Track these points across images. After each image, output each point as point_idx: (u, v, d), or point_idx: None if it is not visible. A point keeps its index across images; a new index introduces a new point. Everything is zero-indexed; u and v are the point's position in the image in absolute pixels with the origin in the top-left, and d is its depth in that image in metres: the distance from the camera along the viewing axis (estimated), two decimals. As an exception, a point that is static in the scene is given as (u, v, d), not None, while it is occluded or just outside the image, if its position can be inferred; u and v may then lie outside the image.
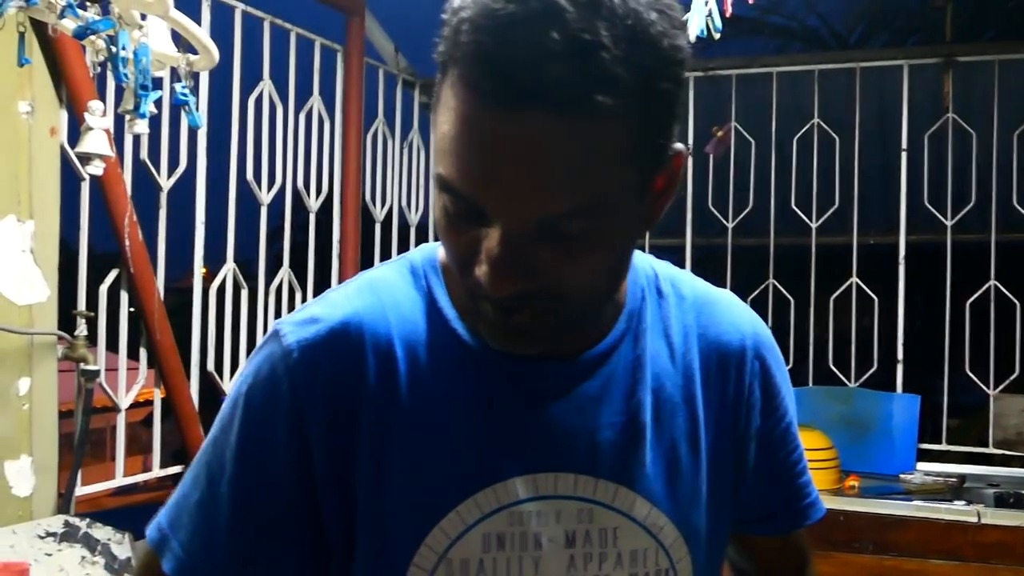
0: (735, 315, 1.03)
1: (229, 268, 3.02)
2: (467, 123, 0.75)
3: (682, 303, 1.01)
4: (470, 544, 0.90)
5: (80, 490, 2.45)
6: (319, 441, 0.88)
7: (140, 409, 3.83)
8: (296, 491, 0.89)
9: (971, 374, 3.72)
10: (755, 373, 1.01)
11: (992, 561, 2.82)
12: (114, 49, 1.53)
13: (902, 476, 3.41)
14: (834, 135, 3.90)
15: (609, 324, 0.95)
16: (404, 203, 4.10)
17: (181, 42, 1.84)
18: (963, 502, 3.10)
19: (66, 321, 2.41)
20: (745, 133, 4.05)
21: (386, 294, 0.93)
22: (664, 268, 1.03)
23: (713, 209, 4.08)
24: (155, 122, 2.29)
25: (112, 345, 2.63)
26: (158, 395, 2.82)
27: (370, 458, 0.89)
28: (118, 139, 2.50)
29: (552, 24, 0.70)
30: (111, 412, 2.67)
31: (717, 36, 2.09)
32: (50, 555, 2.06)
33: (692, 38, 2.06)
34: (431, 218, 3.26)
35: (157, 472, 2.82)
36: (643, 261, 1.01)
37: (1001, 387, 3.65)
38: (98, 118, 2.02)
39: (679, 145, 0.84)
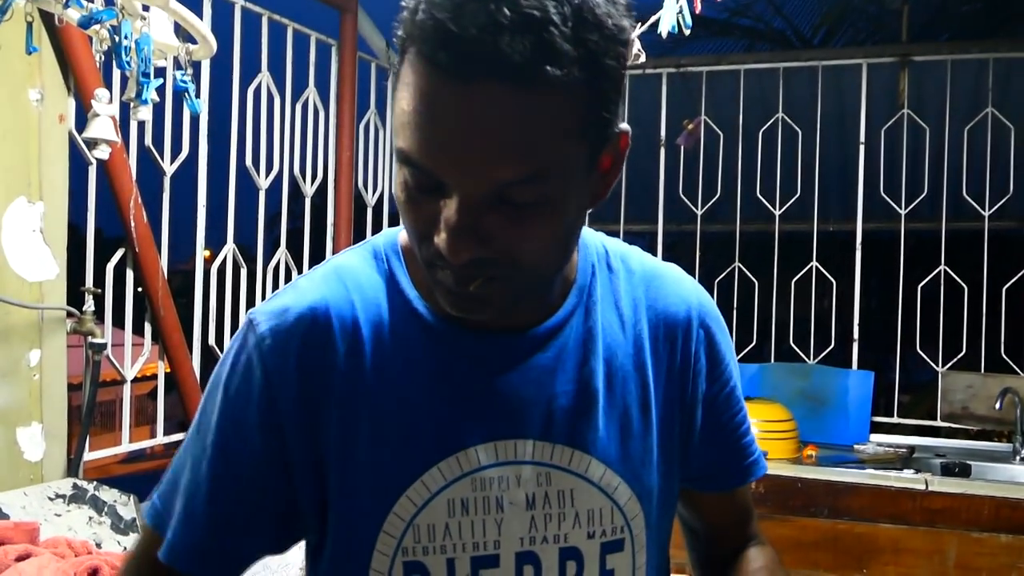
0: (681, 288, 1.03)
1: (229, 249, 3.01)
2: (425, 96, 0.75)
3: (631, 277, 1.01)
4: (436, 510, 0.90)
5: (88, 456, 2.44)
6: (292, 421, 0.88)
7: (146, 383, 3.81)
8: (269, 470, 0.89)
9: (921, 353, 3.75)
10: (701, 341, 1.01)
11: (938, 525, 2.85)
12: (117, 38, 1.51)
13: (856, 447, 3.43)
14: (797, 129, 3.90)
15: (561, 298, 0.95)
16: (394, 189, 4.08)
17: (181, 32, 1.83)
18: (912, 471, 3.12)
19: (74, 298, 2.39)
20: (714, 126, 4.05)
21: (351, 279, 0.93)
22: (614, 245, 1.03)
23: (684, 197, 4.08)
24: (158, 110, 2.27)
25: (118, 321, 2.61)
26: (162, 368, 2.80)
27: (340, 434, 0.89)
28: (123, 126, 2.47)
29: (504, 1, 0.70)
30: (118, 385, 2.66)
31: (687, 32, 2.09)
32: (59, 515, 2.05)
33: (664, 34, 2.06)
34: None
35: (161, 439, 2.81)
36: (594, 239, 1.01)
37: (949, 365, 3.67)
38: (104, 105, 2.01)
39: (624, 125, 0.84)
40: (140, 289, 2.65)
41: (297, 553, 2.32)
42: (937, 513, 2.84)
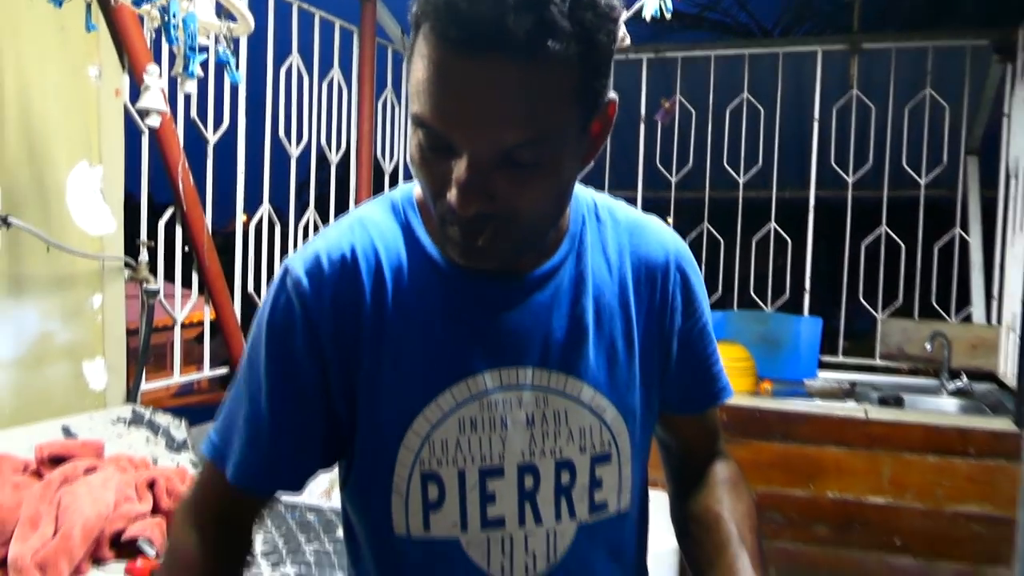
0: (661, 236, 1.01)
1: (265, 209, 2.99)
2: (438, 67, 0.73)
3: (617, 227, 0.99)
4: (449, 428, 0.89)
5: (144, 387, 2.44)
6: (329, 352, 0.87)
7: (193, 329, 3.80)
8: (316, 393, 0.88)
9: (864, 302, 3.74)
10: (677, 283, 1.00)
11: (875, 449, 2.85)
12: (166, 17, 1.48)
13: (806, 382, 3.43)
14: (760, 107, 3.86)
15: (555, 246, 0.93)
16: (408, 159, 4.05)
17: (222, 12, 1.79)
18: (853, 402, 3.12)
19: (130, 252, 2.37)
20: (688, 105, 4.00)
21: (373, 228, 0.92)
22: (602, 199, 1.02)
23: (660, 167, 4.05)
24: (202, 85, 2.24)
25: (169, 276, 2.60)
26: (208, 313, 2.80)
27: (368, 363, 0.88)
28: (171, 100, 2.44)
29: None
30: (169, 330, 2.65)
31: (668, 16, 2.05)
32: (120, 436, 2.05)
33: (648, 17, 2.02)
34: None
35: (207, 373, 2.81)
36: (584, 193, 0.99)
37: (887, 312, 3.66)
38: (155, 79, 1.97)
39: (613, 94, 0.82)
40: (187, 249, 2.64)
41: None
42: (874, 438, 2.84)
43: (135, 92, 2.32)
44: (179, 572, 0.90)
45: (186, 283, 2.71)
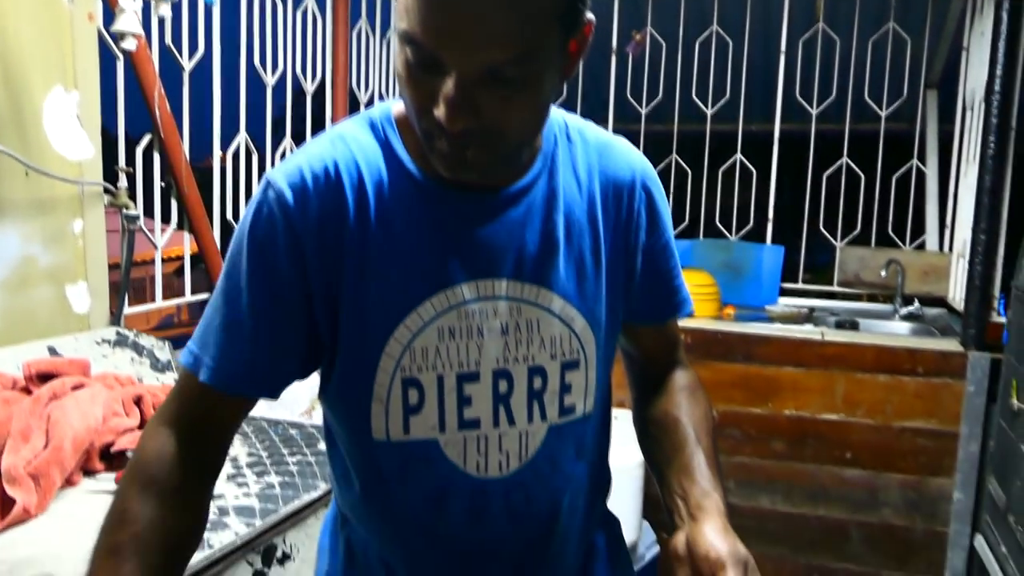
0: (628, 156, 1.03)
1: (242, 137, 2.94)
2: None
3: (587, 147, 1.01)
4: (428, 336, 0.91)
5: (127, 311, 2.43)
6: (312, 262, 0.88)
7: (172, 263, 3.78)
8: (298, 302, 0.89)
9: (824, 231, 3.79)
10: (642, 200, 1.02)
11: (830, 368, 2.92)
12: (139, -63, 1.45)
13: (767, 308, 3.50)
14: (728, 39, 3.84)
15: (529, 164, 0.95)
16: (383, 89, 3.99)
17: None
18: (811, 325, 3.20)
19: (109, 179, 2.35)
20: (658, 37, 3.97)
21: (354, 143, 0.92)
22: (573, 120, 1.03)
23: (631, 99, 4.03)
24: (176, 12, 2.19)
25: (148, 212, 2.56)
26: (187, 240, 2.77)
27: (351, 274, 0.89)
28: (145, 28, 2.38)
29: None
30: (148, 265, 2.63)
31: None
32: (106, 356, 2.06)
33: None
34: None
35: (189, 298, 2.80)
36: (556, 115, 1.00)
37: (846, 240, 3.72)
38: (129, 1, 1.92)
39: (590, 15, 0.83)
40: (164, 185, 2.60)
41: (304, 391, 2.35)
42: (829, 359, 2.92)
43: (108, 18, 2.26)
44: (143, 475, 0.87)
45: (165, 218, 2.69)
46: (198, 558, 1.26)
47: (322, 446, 1.77)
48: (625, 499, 2.64)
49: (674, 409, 1.08)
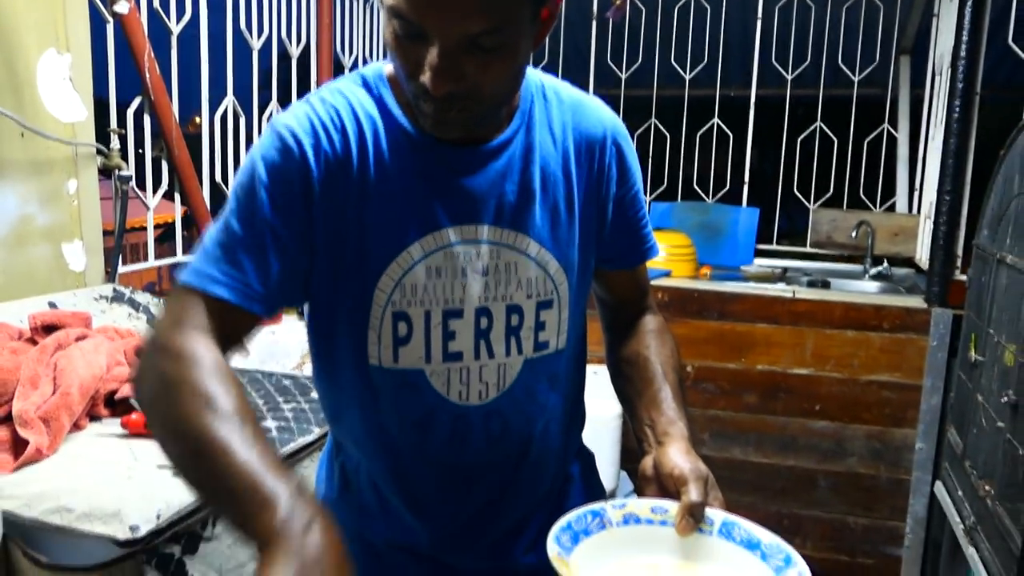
0: (600, 113, 1.10)
1: (230, 100, 2.99)
2: None
3: (561, 105, 1.08)
4: (417, 274, 0.98)
5: (121, 269, 2.49)
6: (319, 197, 0.95)
7: (161, 231, 3.81)
8: (305, 229, 0.95)
9: (798, 193, 3.88)
10: (613, 155, 1.10)
11: (800, 325, 3.02)
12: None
13: (742, 268, 3.58)
14: (706, 5, 3.88)
15: (508, 120, 1.02)
16: (367, 53, 4.02)
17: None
18: (784, 284, 3.29)
19: (102, 141, 2.39)
20: (638, 2, 4.00)
21: (352, 97, 0.99)
22: (549, 80, 1.10)
23: (611, 63, 4.08)
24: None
25: (139, 182, 2.60)
26: (178, 200, 2.82)
27: (351, 214, 0.96)
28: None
29: None
30: (140, 231, 2.67)
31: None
32: (104, 312, 2.12)
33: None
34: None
35: (181, 258, 2.86)
36: (533, 75, 1.07)
37: (819, 203, 3.81)
38: (121, -34, 1.96)
39: None
40: (155, 152, 2.64)
41: (295, 346, 2.41)
42: (800, 315, 3.01)
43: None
44: (215, 368, 0.84)
45: (156, 180, 2.74)
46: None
47: (315, 395, 1.85)
48: (603, 450, 2.75)
49: (644, 349, 1.17)
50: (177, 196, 2.80)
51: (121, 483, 1.32)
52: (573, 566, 0.88)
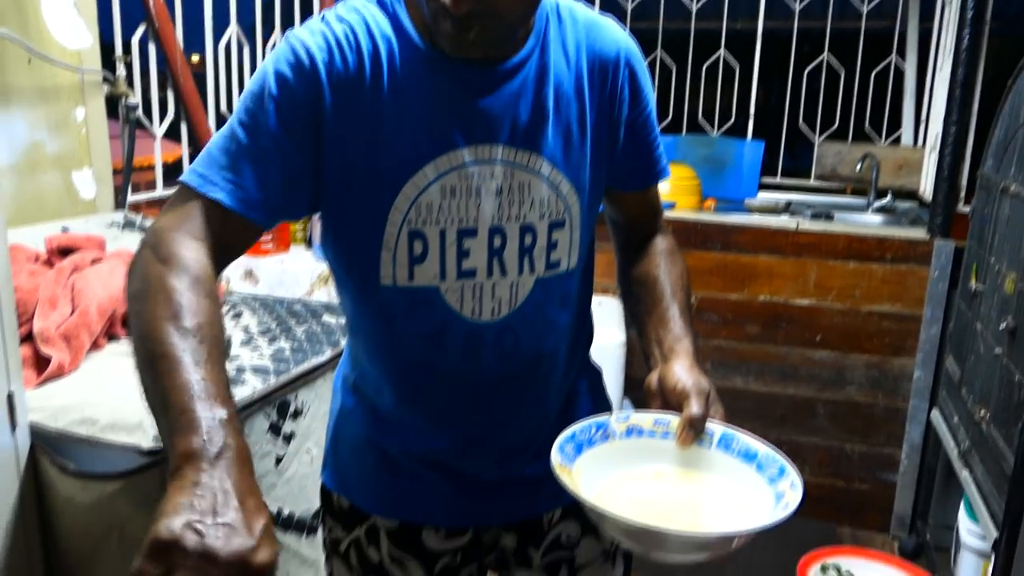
0: (614, 34, 1.10)
1: (233, 29, 2.96)
2: None
3: (576, 25, 1.08)
4: (432, 193, 0.99)
5: (131, 198, 2.50)
6: (330, 112, 0.95)
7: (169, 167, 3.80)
8: (312, 143, 0.96)
9: (803, 126, 3.85)
10: (626, 76, 1.10)
11: (803, 256, 3.04)
12: None
13: (746, 201, 3.58)
14: (714, -66, 3.81)
15: (523, 41, 1.02)
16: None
17: None
18: (787, 216, 3.30)
19: (108, 68, 2.38)
20: (645, -69, 3.93)
21: (367, 14, 0.99)
22: (563, 0, 1.09)
23: (617, -4, 4.02)
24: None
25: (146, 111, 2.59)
26: (184, 128, 2.82)
27: (364, 131, 0.97)
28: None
29: None
30: (149, 170, 2.67)
31: None
32: (116, 238, 2.13)
33: None
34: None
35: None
36: None
37: (824, 136, 3.79)
38: None
39: None
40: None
41: (304, 275, 2.43)
42: (803, 247, 3.03)
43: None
44: (191, 275, 0.86)
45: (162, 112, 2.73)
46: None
47: (327, 318, 1.88)
48: (607, 378, 2.78)
49: (654, 269, 1.19)
50: (184, 127, 2.79)
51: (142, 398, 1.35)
52: (576, 474, 0.92)
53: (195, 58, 2.91)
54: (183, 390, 0.75)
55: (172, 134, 2.79)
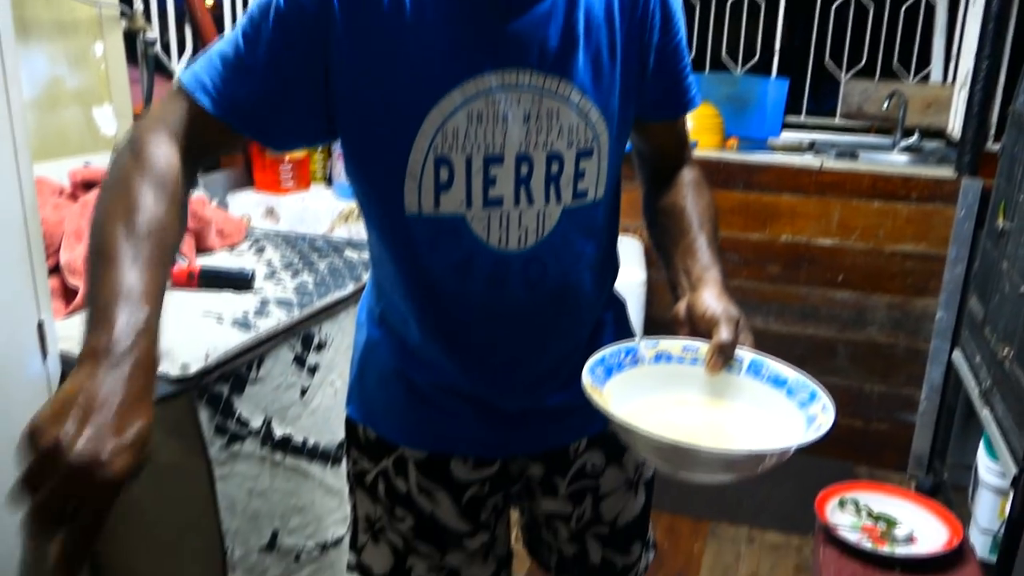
0: None
1: (250, -37, 2.91)
2: None
3: None
4: (458, 119, 0.97)
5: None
6: (341, 34, 0.93)
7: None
8: (317, 64, 0.95)
9: (830, 63, 3.77)
10: (656, 2, 1.08)
11: (826, 195, 3.00)
12: None
13: (770, 140, 3.53)
14: None
15: None
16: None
17: None
18: (811, 155, 3.25)
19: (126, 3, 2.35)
20: None
21: None
22: None
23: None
24: None
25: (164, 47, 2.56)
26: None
27: (381, 55, 0.95)
28: None
29: None
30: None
31: None
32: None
33: None
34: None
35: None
36: None
37: (851, 73, 3.71)
38: None
39: None
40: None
41: (325, 213, 2.42)
42: (827, 186, 2.99)
43: None
44: (154, 175, 0.88)
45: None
46: (247, 339, 1.40)
47: (349, 253, 1.88)
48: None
49: (681, 200, 1.18)
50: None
51: (169, 327, 1.36)
52: (606, 395, 0.92)
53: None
54: (111, 288, 0.76)
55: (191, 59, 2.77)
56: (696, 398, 0.98)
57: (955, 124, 3.41)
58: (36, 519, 0.65)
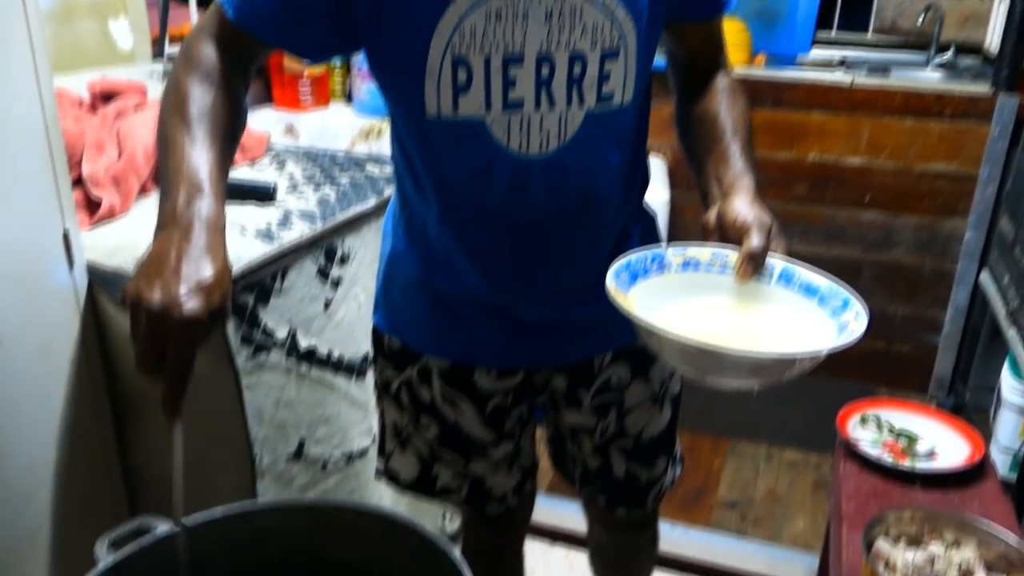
0: None
1: None
2: None
3: None
4: (476, 17, 0.95)
5: (169, 50, 2.45)
6: None
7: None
8: None
9: (864, -25, 3.64)
10: None
11: (857, 113, 2.93)
12: None
13: (799, 57, 3.44)
14: None
15: None
16: None
17: None
18: (842, 71, 3.16)
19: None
20: None
21: None
22: None
23: None
24: None
25: None
26: None
27: None
28: None
29: None
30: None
31: None
32: (155, 88, 2.10)
33: None
34: None
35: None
36: None
37: (885, -13, 3.58)
38: None
39: None
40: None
41: (344, 130, 2.40)
42: (858, 103, 2.91)
43: None
44: (203, 70, 0.96)
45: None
46: (270, 250, 1.39)
47: (371, 168, 1.86)
48: (650, 236, 2.76)
49: (714, 107, 1.15)
50: None
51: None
52: (631, 300, 0.90)
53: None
54: (173, 168, 0.86)
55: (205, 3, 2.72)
56: (724, 304, 0.96)
57: (993, 39, 3.29)
58: (139, 366, 0.76)
